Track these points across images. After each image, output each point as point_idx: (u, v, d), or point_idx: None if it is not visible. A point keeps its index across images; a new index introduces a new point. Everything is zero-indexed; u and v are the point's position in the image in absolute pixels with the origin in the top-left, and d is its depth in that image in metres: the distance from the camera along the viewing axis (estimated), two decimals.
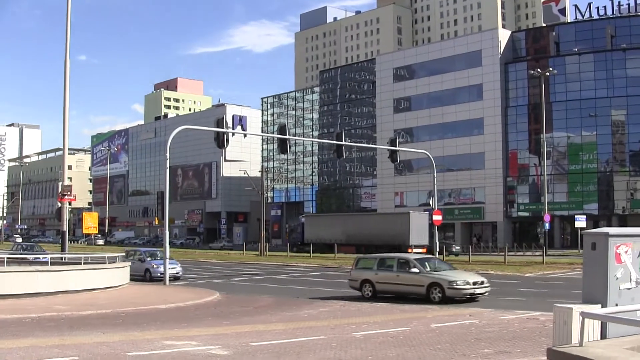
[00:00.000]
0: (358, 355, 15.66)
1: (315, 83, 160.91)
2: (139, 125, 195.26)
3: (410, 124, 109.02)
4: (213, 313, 25.20)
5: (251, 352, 15.97)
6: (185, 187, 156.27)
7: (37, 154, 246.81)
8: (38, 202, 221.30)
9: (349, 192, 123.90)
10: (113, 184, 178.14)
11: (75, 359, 14.65)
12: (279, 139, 48.45)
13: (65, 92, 41.26)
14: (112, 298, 29.63)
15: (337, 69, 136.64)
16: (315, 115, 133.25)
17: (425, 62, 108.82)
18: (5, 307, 25.05)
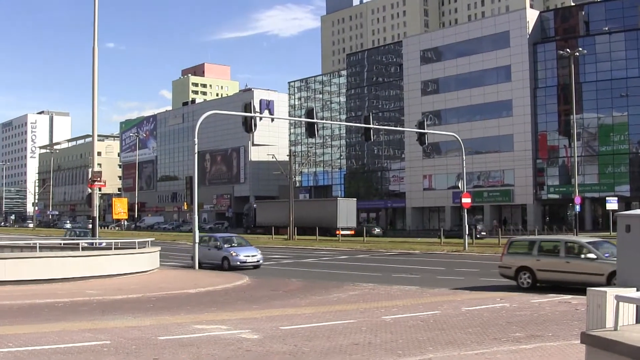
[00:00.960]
0: (388, 339, 15.61)
1: (342, 66, 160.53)
2: (167, 111, 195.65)
3: (438, 106, 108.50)
4: (242, 297, 25.23)
5: (281, 336, 15.96)
6: (214, 172, 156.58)
7: (67, 140, 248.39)
8: (68, 189, 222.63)
9: (377, 175, 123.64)
10: (142, 170, 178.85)
11: (107, 343, 14.70)
12: (306, 122, 48.35)
13: (94, 80, 41.37)
14: (142, 283, 29.75)
15: (363, 52, 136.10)
16: (342, 99, 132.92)
17: (453, 44, 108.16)
18: (38, 292, 25.23)
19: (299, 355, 13.43)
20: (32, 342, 14.89)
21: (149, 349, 14.00)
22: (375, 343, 14.98)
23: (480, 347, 14.31)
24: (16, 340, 14.97)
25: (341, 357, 13.26)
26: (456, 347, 14.35)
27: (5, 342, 14.73)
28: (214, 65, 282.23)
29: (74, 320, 18.70)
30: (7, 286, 26.97)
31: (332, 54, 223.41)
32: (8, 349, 13.81)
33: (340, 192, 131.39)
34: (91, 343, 14.74)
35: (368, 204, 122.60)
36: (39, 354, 13.28)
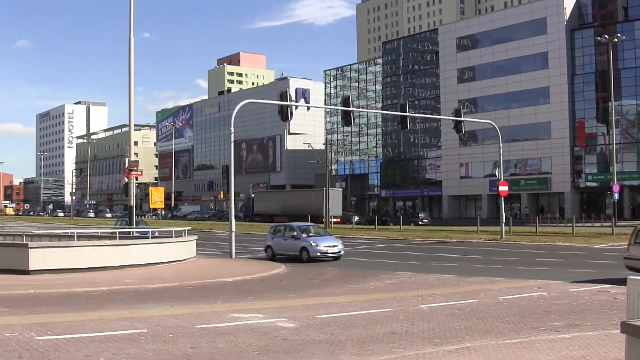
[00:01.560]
0: (425, 327, 15.55)
1: (377, 54, 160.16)
2: (203, 100, 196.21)
3: (475, 94, 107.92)
4: (279, 286, 25.26)
5: (318, 324, 15.95)
6: (250, 161, 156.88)
7: (103, 130, 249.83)
8: (105, 178, 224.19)
9: (413, 163, 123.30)
10: (178, 159, 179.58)
11: (145, 332, 14.77)
12: (342, 111, 48.25)
13: (130, 70, 41.53)
14: (179, 271, 29.87)
15: (399, 40, 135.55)
16: (378, 87, 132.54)
17: (489, 31, 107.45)
18: (76, 281, 25.41)
19: (335, 344, 13.41)
20: (70, 330, 14.99)
21: (186, 338, 14.05)
22: (412, 332, 14.93)
23: (518, 337, 14.22)
24: (55, 328, 15.08)
25: (378, 346, 13.21)
26: (494, 336, 14.26)
27: (44, 330, 14.84)
28: (250, 54, 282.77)
29: (112, 308, 18.81)
30: (46, 275, 27.21)
31: (367, 42, 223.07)
32: (47, 337, 13.92)
33: (376, 180, 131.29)
34: (129, 331, 14.82)
35: (404, 193, 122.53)
36: (77, 342, 13.37)
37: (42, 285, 24.08)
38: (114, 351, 12.46)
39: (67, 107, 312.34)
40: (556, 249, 42.62)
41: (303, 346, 13.17)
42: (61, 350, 12.53)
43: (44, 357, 11.91)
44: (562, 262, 33.26)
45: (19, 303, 19.80)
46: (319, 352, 12.52)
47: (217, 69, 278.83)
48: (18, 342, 13.35)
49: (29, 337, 13.87)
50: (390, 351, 12.64)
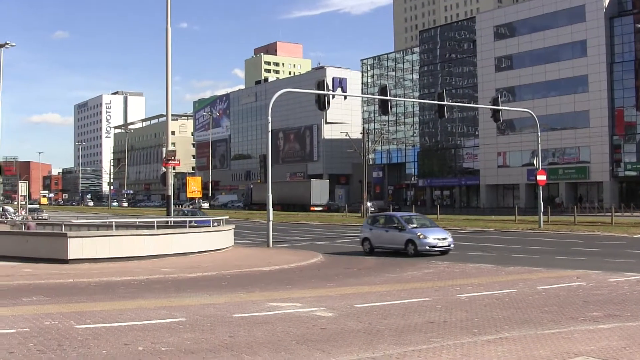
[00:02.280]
0: (463, 317, 15.48)
1: (414, 43, 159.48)
2: (240, 89, 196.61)
3: (512, 82, 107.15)
4: (317, 275, 25.27)
5: (356, 313, 15.92)
6: (287, 150, 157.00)
7: (141, 120, 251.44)
8: (143, 168, 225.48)
9: (450, 152, 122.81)
10: (215, 148, 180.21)
11: (183, 320, 14.82)
12: (380, 100, 48.07)
13: (168, 60, 41.67)
14: (216, 260, 29.97)
15: (436, 29, 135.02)
16: (415, 76, 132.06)
17: (527, 19, 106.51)
18: (115, 270, 25.58)
19: (373, 333, 13.37)
20: (109, 318, 15.08)
21: (224, 327, 14.07)
22: (450, 321, 14.87)
23: (556, 327, 14.10)
24: (94, 317, 15.17)
25: (416, 335, 13.17)
26: (532, 326, 14.16)
27: (83, 318, 14.94)
28: (286, 44, 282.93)
29: (150, 297, 18.90)
30: (84, 264, 27.43)
31: (404, 30, 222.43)
32: (86, 325, 14.00)
33: (413, 169, 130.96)
34: (167, 320, 14.88)
35: (442, 182, 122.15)
36: (116, 331, 13.43)
37: (81, 274, 24.27)
38: (152, 340, 12.52)
39: (105, 97, 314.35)
40: (595, 239, 42.29)
41: (341, 335, 13.15)
42: (100, 338, 12.60)
43: (83, 345, 11.98)
44: (601, 252, 32.99)
45: (58, 292, 19.95)
46: (357, 342, 12.49)
47: (254, 58, 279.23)
48: (58, 330, 13.44)
49: (68, 326, 13.96)
50: (428, 341, 12.59)
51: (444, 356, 11.11)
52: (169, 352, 11.50)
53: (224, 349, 11.73)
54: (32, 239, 31.22)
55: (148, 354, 11.29)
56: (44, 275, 24.03)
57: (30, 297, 18.67)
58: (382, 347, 11.92)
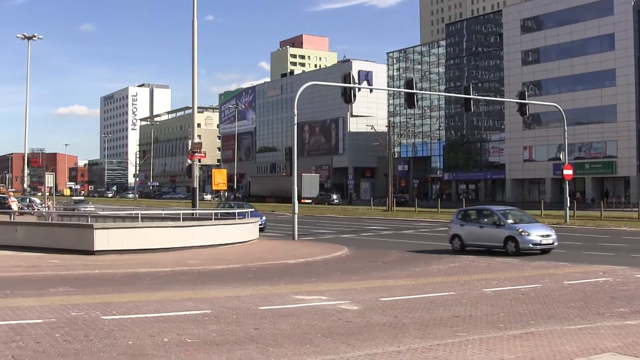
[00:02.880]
0: (489, 311, 15.43)
1: (440, 36, 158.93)
2: (266, 82, 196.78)
3: (539, 76, 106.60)
4: (342, 268, 25.26)
5: (381, 307, 15.90)
6: (312, 143, 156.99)
7: (167, 113, 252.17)
8: (168, 160, 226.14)
9: (476, 146, 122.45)
10: (241, 141, 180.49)
11: (208, 312, 14.85)
12: (406, 93, 47.99)
13: (194, 52, 41.81)
14: (241, 253, 30.01)
15: (462, 22, 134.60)
16: (441, 69, 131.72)
17: (554, 13, 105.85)
18: (141, 261, 25.70)
19: (399, 327, 13.35)
20: (135, 310, 15.14)
21: (249, 319, 14.09)
22: (476, 316, 14.82)
23: (583, 322, 14.02)
24: (120, 308, 15.24)
25: (442, 329, 13.14)
26: (558, 322, 14.09)
27: (109, 309, 15.01)
28: (312, 37, 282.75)
29: (176, 289, 18.95)
30: (110, 255, 27.56)
31: (430, 24, 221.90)
32: (112, 317, 14.07)
33: (439, 163, 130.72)
34: (192, 312, 14.92)
35: (467, 176, 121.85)
36: (141, 322, 13.49)
37: (107, 265, 24.39)
38: (178, 331, 12.55)
39: (131, 89, 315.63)
40: (621, 234, 42.09)
41: (366, 329, 13.14)
42: (126, 329, 12.65)
43: (109, 336, 12.03)
44: (628, 248, 32.85)
45: (85, 283, 20.05)
46: (382, 335, 12.47)
47: (279, 51, 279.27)
48: (84, 321, 13.51)
49: (94, 317, 14.03)
50: (454, 335, 12.56)
51: (470, 350, 11.09)
52: (195, 343, 11.53)
53: (250, 341, 11.75)
54: (58, 230, 31.41)
55: (174, 345, 11.33)
56: (71, 266, 24.17)
57: (57, 287, 18.77)
58: (408, 341, 11.91)
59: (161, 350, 10.98)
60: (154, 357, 10.51)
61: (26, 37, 78.13)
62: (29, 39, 78.31)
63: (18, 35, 78.32)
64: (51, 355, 10.50)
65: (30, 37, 78.24)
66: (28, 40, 78.45)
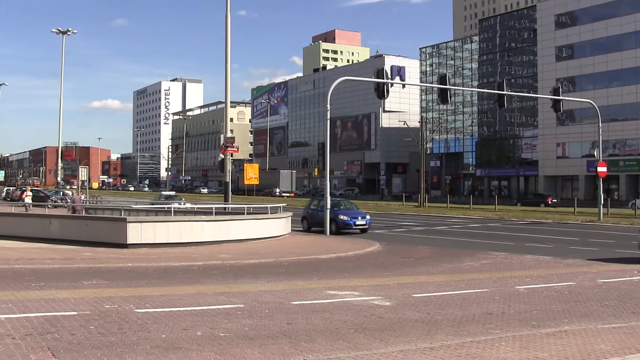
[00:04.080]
0: (522, 309, 15.35)
1: (474, 32, 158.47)
2: (298, 77, 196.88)
3: (573, 72, 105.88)
4: (374, 264, 25.22)
5: (414, 303, 15.87)
6: (344, 138, 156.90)
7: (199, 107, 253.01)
8: (200, 154, 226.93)
9: (509, 142, 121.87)
10: (273, 136, 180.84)
11: (241, 307, 14.87)
12: (439, 89, 47.92)
13: (227, 47, 41.89)
14: (274, 248, 30.04)
15: (496, 17, 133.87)
16: (474, 65, 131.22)
17: (589, 8, 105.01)
18: (173, 255, 25.78)
19: (431, 323, 13.32)
20: (168, 303, 15.20)
21: (282, 314, 14.11)
22: (508, 313, 14.76)
23: (617, 321, 13.92)
24: (153, 302, 15.30)
25: (475, 326, 13.09)
26: (592, 320, 14.00)
27: (143, 303, 15.08)
28: (345, 32, 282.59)
29: (208, 283, 19.00)
30: (143, 249, 27.70)
31: (464, 19, 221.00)
32: (146, 310, 14.13)
33: (471, 159, 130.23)
34: (225, 306, 14.95)
35: (499, 172, 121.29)
36: (175, 316, 13.54)
37: (140, 258, 24.50)
38: (211, 325, 12.59)
39: (164, 84, 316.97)
40: None
41: (399, 325, 13.11)
42: (159, 323, 12.70)
43: (143, 329, 12.09)
44: None
45: (118, 276, 20.16)
46: (415, 331, 12.45)
47: (312, 46, 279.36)
48: (118, 314, 13.59)
49: (128, 310, 14.10)
50: (487, 332, 12.51)
51: (503, 348, 11.05)
52: (228, 337, 11.56)
53: (282, 336, 11.77)
54: (92, 224, 31.59)
55: (207, 339, 11.37)
56: (104, 259, 24.31)
57: (91, 280, 18.89)
58: (440, 338, 11.88)
59: (194, 344, 11.03)
60: (187, 350, 10.55)
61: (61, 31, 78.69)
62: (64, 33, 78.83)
63: (53, 30, 78.94)
64: (86, 347, 10.57)
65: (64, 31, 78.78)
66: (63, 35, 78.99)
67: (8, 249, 27.20)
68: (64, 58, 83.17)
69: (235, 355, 10.30)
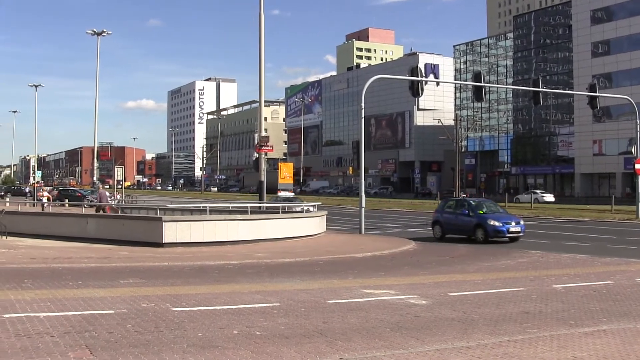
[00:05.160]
0: (559, 308, 15.21)
1: (508, 29, 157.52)
2: (332, 76, 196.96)
3: (610, 68, 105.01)
4: (409, 262, 25.16)
5: (450, 302, 15.79)
6: (379, 137, 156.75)
7: (233, 106, 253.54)
8: (235, 154, 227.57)
9: (544, 140, 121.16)
10: (307, 135, 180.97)
11: (277, 305, 14.88)
12: (474, 86, 47.74)
13: (261, 47, 41.96)
14: (308, 246, 30.04)
15: (531, 14, 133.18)
16: (509, 62, 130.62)
17: (625, 3, 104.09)
18: (209, 254, 25.86)
19: (468, 322, 13.24)
20: (204, 302, 15.24)
21: (318, 312, 14.09)
22: (546, 312, 14.63)
23: None
24: (189, 300, 15.35)
25: (512, 325, 13.00)
26: (631, 319, 13.84)
27: (179, 301, 15.12)
28: (378, 30, 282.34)
29: (244, 282, 19.02)
30: (178, 248, 27.80)
31: (498, 16, 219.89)
32: (182, 308, 14.17)
33: (506, 157, 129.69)
34: (261, 305, 14.95)
35: (535, 170, 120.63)
36: (211, 314, 13.56)
37: (175, 257, 24.59)
38: (247, 324, 12.59)
39: (198, 83, 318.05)
40: None
41: (435, 324, 13.06)
42: (196, 321, 12.73)
43: (179, 327, 12.12)
44: None
45: (154, 274, 20.24)
46: (451, 330, 12.39)
47: (345, 44, 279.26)
48: (154, 312, 13.64)
49: (164, 308, 14.15)
50: (524, 331, 12.41)
51: (540, 347, 10.97)
52: (264, 336, 11.56)
53: (318, 335, 11.75)
54: (128, 223, 31.76)
55: (243, 338, 11.37)
56: (140, 258, 24.43)
57: (127, 279, 18.98)
58: (477, 337, 11.80)
59: (230, 342, 11.04)
60: (223, 349, 10.57)
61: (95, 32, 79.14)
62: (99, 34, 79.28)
63: (88, 31, 79.40)
64: (123, 346, 10.62)
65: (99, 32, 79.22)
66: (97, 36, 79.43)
67: (46, 248, 27.41)
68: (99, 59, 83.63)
69: (272, 354, 10.30)
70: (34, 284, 17.69)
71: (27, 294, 15.92)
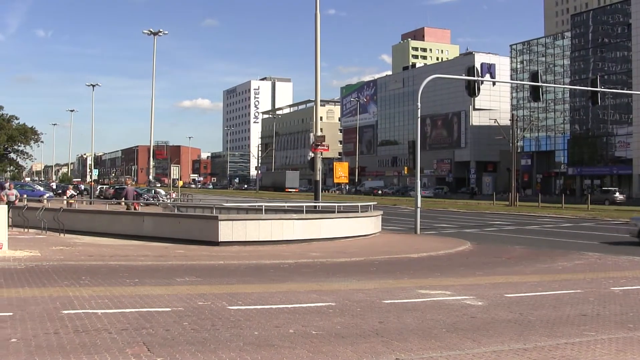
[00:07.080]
0: (617, 311, 15.04)
1: (565, 28, 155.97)
2: (387, 75, 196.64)
3: None
4: (465, 263, 25.04)
5: (506, 303, 15.70)
6: (434, 137, 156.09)
7: (288, 106, 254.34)
8: (290, 153, 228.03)
9: (602, 140, 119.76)
10: (362, 134, 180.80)
11: (332, 305, 14.90)
12: (531, 86, 47.35)
13: (317, 46, 42.04)
14: (364, 246, 30.03)
15: (588, 12, 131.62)
16: (566, 62, 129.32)
17: None
18: (264, 253, 25.97)
19: (524, 324, 13.16)
20: (260, 301, 15.30)
21: (373, 312, 14.09)
22: (604, 315, 14.48)
23: None
24: (245, 299, 15.42)
25: (569, 327, 12.88)
26: None
27: (235, 300, 15.21)
28: (434, 29, 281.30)
29: (300, 281, 19.10)
30: (234, 246, 27.97)
31: (555, 14, 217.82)
32: (238, 307, 14.25)
33: (563, 157, 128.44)
34: (317, 304, 14.99)
35: (592, 171, 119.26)
36: (266, 313, 13.63)
37: (231, 256, 24.74)
38: (303, 323, 12.64)
39: (253, 83, 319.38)
40: None
41: (491, 325, 12.99)
42: (252, 320, 12.80)
43: (235, 326, 12.20)
44: None
45: (210, 273, 20.39)
46: (507, 332, 12.32)
47: (401, 44, 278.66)
48: (211, 310, 13.73)
49: (220, 307, 14.24)
50: (581, 334, 12.30)
51: (598, 351, 10.87)
52: (320, 335, 11.59)
53: (374, 335, 11.75)
54: (184, 221, 32.03)
55: (299, 337, 11.42)
56: (196, 256, 24.60)
57: (183, 277, 19.12)
58: (534, 339, 11.73)
59: (287, 341, 11.08)
60: (279, 347, 10.62)
61: (152, 32, 79.99)
62: (155, 34, 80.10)
63: (144, 31, 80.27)
64: (180, 343, 10.72)
65: (156, 32, 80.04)
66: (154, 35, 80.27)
67: (103, 246, 27.72)
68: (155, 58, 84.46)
69: (328, 353, 10.33)
70: (91, 281, 17.93)
71: (85, 290, 16.15)
